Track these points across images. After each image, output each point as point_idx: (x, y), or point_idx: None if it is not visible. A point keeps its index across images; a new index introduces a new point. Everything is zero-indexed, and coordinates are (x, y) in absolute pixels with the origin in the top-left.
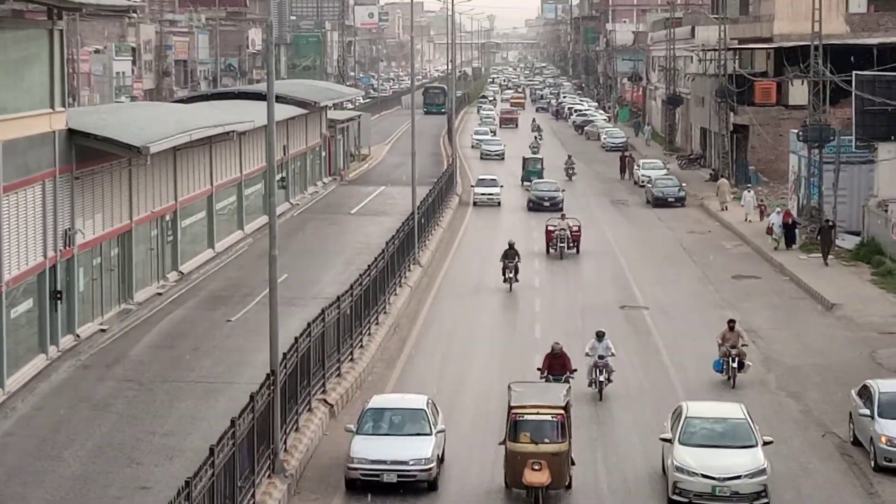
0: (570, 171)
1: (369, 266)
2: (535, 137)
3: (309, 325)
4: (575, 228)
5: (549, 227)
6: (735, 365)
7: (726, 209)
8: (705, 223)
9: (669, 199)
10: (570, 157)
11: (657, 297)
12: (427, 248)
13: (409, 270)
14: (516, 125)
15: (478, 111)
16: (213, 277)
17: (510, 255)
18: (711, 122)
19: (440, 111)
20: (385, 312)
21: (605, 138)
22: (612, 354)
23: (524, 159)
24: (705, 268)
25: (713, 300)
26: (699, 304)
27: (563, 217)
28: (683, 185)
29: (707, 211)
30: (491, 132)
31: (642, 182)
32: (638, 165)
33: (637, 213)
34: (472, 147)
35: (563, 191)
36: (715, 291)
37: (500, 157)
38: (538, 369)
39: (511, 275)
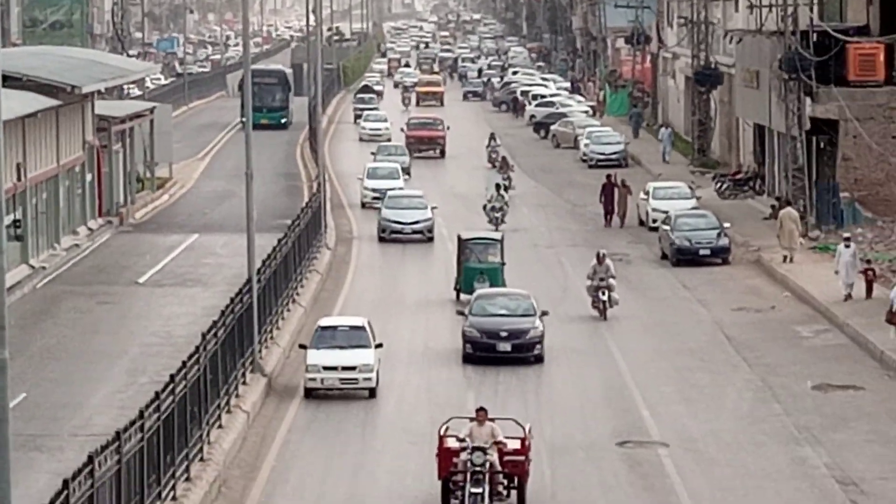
0: (602, 298)
1: (173, 377)
2: (499, 187)
3: (65, 484)
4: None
5: (457, 474)
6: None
7: (792, 260)
8: (765, 292)
9: (701, 252)
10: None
11: (682, 426)
12: (276, 344)
13: (244, 382)
14: (439, 150)
15: (355, 120)
16: None
17: None
18: (773, 115)
19: (277, 121)
20: (202, 459)
21: (587, 145)
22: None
23: (462, 242)
24: (765, 372)
25: (781, 429)
26: (756, 436)
27: (488, 445)
28: (726, 225)
29: (768, 271)
30: (402, 171)
31: (654, 222)
32: (646, 194)
33: (646, 278)
34: (364, 207)
35: (543, 314)
36: (784, 413)
37: (425, 234)
38: None
39: None
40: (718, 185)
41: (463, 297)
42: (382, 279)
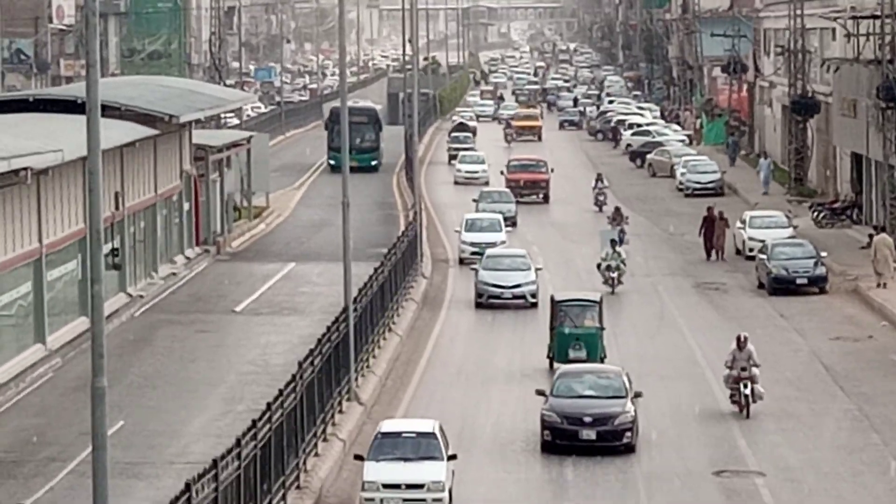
0: (744, 391)
1: (270, 405)
2: (614, 243)
3: None
4: None
5: None
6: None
7: (885, 286)
8: (862, 321)
9: (798, 281)
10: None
11: (780, 456)
12: (372, 372)
13: (341, 411)
14: (543, 194)
15: (450, 161)
16: None
17: None
18: (871, 144)
19: (367, 163)
20: (298, 487)
21: (683, 174)
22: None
23: (555, 304)
24: (863, 401)
25: (879, 459)
26: (854, 466)
27: None
28: (824, 255)
29: (866, 300)
30: (507, 221)
31: (750, 251)
32: (742, 223)
33: (742, 307)
34: (462, 264)
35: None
36: (882, 443)
37: (528, 299)
38: None
39: None
40: (815, 213)
41: (557, 366)
42: (476, 322)
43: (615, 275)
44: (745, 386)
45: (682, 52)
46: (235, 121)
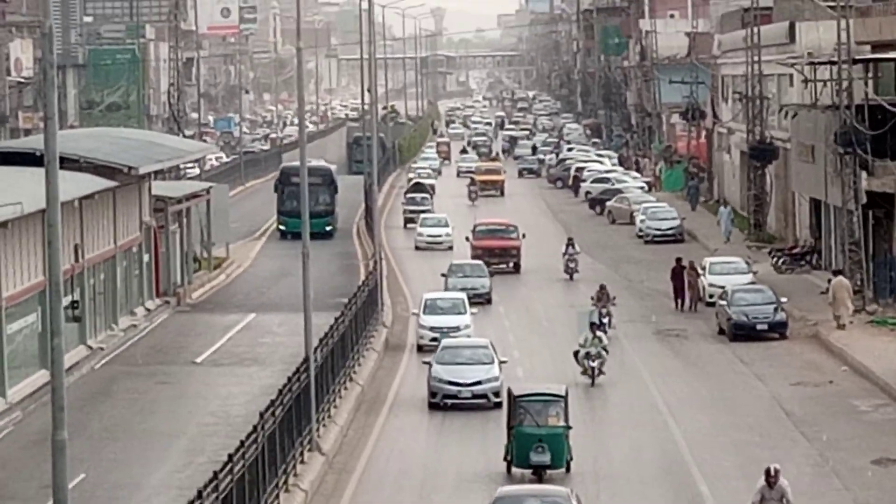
0: None
1: (231, 457)
2: (594, 326)
3: None
4: None
5: None
6: None
7: (844, 328)
8: (823, 367)
9: (759, 327)
10: None
11: (741, 502)
12: (333, 422)
13: (303, 461)
14: (513, 263)
15: (406, 225)
16: None
17: None
18: (829, 189)
19: (321, 228)
20: None
21: (643, 221)
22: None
23: (513, 399)
24: (824, 447)
25: None
26: None
27: None
28: (783, 300)
29: (826, 345)
30: (480, 298)
31: (710, 297)
32: (702, 269)
33: (702, 353)
34: (421, 351)
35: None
36: (843, 488)
37: (490, 399)
38: None
39: None
40: (775, 259)
41: (514, 471)
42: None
43: (595, 364)
44: None
45: (641, 99)
46: (196, 171)
